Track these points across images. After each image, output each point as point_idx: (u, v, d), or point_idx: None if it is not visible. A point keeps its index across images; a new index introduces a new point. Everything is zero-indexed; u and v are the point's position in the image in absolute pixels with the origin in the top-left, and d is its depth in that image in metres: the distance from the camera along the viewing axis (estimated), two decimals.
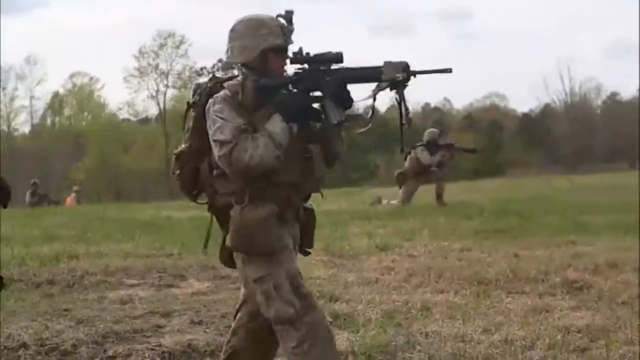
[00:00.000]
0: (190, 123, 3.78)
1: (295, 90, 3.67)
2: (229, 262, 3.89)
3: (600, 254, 8.27)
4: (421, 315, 6.12)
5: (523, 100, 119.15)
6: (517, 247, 8.87)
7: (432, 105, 71.17)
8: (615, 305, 6.38)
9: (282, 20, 3.72)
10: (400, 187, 14.09)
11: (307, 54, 3.67)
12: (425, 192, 15.11)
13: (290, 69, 3.74)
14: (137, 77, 60.72)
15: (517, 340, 5.32)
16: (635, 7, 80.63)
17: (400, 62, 3.53)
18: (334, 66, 3.66)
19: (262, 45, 3.65)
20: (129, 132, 63.92)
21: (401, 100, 3.58)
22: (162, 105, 60.79)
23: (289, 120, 3.60)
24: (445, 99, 71.72)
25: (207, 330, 5.83)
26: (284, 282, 3.67)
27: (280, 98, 3.65)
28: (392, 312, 6.20)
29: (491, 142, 56.32)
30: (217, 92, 3.64)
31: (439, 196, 13.85)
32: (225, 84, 3.68)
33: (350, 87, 3.66)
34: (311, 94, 3.66)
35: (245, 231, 3.63)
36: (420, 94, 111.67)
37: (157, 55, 60.69)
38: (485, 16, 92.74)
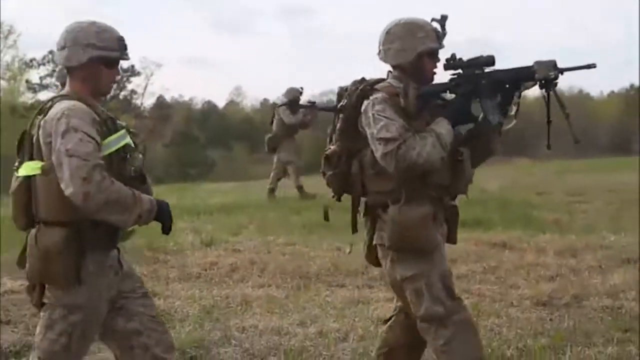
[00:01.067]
0: (339, 125, 3.83)
1: (454, 96, 3.75)
2: (376, 261, 3.92)
3: None
4: (240, 309, 6.13)
5: None
6: (341, 241, 9.00)
7: (271, 101, 71.40)
8: None
9: (437, 25, 3.79)
10: (274, 153, 13.61)
11: (460, 59, 3.73)
12: (258, 187, 15.14)
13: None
14: None
15: (331, 333, 5.43)
16: (491, 8, 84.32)
17: (550, 61, 3.59)
18: (487, 69, 3.73)
19: (419, 48, 3.72)
20: None
21: (549, 97, 3.62)
22: None
23: (451, 123, 3.66)
24: (283, 94, 72.06)
25: (15, 329, 5.60)
26: (436, 281, 3.72)
27: (442, 103, 3.75)
28: (211, 307, 6.18)
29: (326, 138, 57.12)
30: (368, 94, 3.69)
31: (300, 188, 13.50)
32: (377, 87, 3.73)
33: None
34: (469, 97, 3.72)
35: (404, 230, 3.65)
36: (259, 89, 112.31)
37: None
38: (324, 13, 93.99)
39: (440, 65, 3.81)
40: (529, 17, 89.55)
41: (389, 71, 3.86)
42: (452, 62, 3.76)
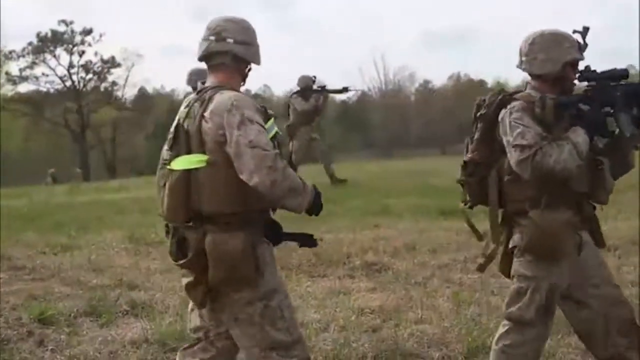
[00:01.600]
0: (477, 134, 3.85)
1: (588, 107, 3.74)
2: (508, 272, 3.87)
3: (400, 236, 8.55)
4: None
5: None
6: (323, 232, 9.00)
7: (253, 91, 71.36)
8: (410, 285, 6.62)
9: (578, 36, 3.81)
10: (291, 141, 13.76)
11: (594, 71, 3.75)
12: None
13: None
14: None
15: (312, 323, 5.42)
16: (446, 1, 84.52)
17: None
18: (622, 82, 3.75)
19: (565, 58, 3.73)
20: None
21: None
22: None
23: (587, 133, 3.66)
24: (265, 85, 72.01)
25: None
26: (542, 290, 3.73)
27: (578, 113, 3.73)
28: None
29: None
30: (507, 103, 3.72)
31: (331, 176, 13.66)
32: (516, 96, 3.76)
33: None
34: (603, 109, 3.73)
35: (544, 234, 3.66)
36: None
37: None
38: (305, 4, 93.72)
39: None
40: (504, 2, 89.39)
41: (527, 82, 3.89)
42: (587, 74, 3.79)
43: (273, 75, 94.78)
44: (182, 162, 3.34)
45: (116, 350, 4.99)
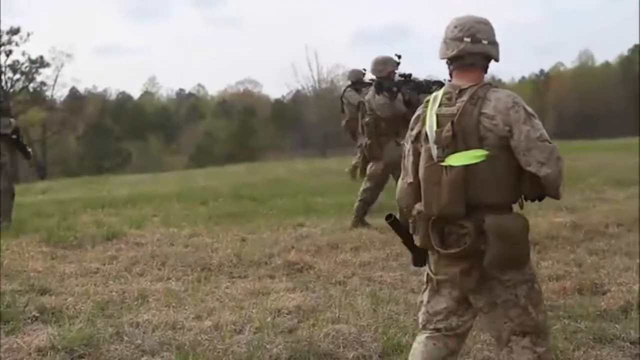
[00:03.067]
0: None
1: None
2: None
3: (324, 235, 8.50)
4: (136, 304, 5.96)
5: (276, 86, 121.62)
6: (246, 232, 8.91)
7: (187, 91, 70.85)
8: (330, 284, 6.56)
9: None
10: (354, 135, 13.74)
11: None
12: (169, 178, 14.92)
13: None
14: None
15: (227, 325, 5.31)
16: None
17: None
18: None
19: None
20: None
21: None
22: None
23: None
24: (199, 84, 71.52)
25: None
26: None
27: None
28: (106, 303, 5.98)
29: (245, 127, 56.96)
30: None
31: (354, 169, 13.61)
32: None
33: None
34: None
35: None
36: (173, 79, 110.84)
37: None
38: (238, 2, 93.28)
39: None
40: (442, 2, 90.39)
41: None
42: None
43: (206, 74, 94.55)
44: (462, 158, 3.50)
45: (21, 358, 4.80)
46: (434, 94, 3.73)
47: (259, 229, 9.07)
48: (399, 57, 8.82)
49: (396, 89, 8.76)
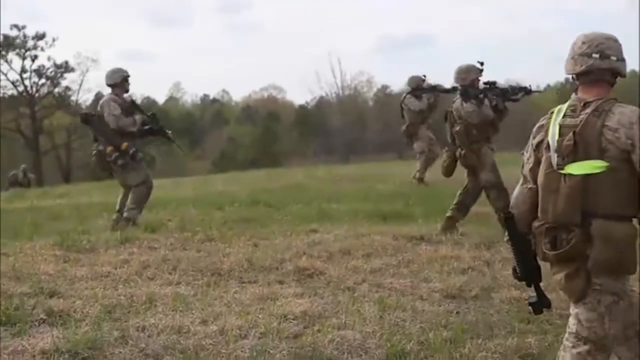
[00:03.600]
0: None
1: None
2: None
3: (336, 241, 8.47)
4: (144, 308, 5.97)
5: (300, 92, 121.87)
6: (259, 237, 8.90)
7: (211, 96, 71.15)
8: (339, 290, 6.54)
9: None
10: (412, 140, 14.02)
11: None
12: (189, 183, 14.96)
13: None
14: None
15: (232, 330, 5.31)
16: (403, 5, 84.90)
17: None
18: None
19: None
20: None
21: None
22: None
23: None
24: (223, 90, 71.83)
25: None
26: None
27: None
28: (114, 306, 5.99)
29: (268, 133, 57.05)
30: None
31: (420, 179, 13.78)
32: None
33: None
34: None
35: None
36: (198, 85, 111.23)
37: None
38: (261, 8, 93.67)
39: None
40: (461, 7, 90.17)
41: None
42: None
43: (230, 80, 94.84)
44: (583, 167, 3.57)
45: None
46: (559, 106, 3.79)
47: (272, 234, 9.06)
48: (482, 64, 8.87)
49: (482, 96, 8.85)
